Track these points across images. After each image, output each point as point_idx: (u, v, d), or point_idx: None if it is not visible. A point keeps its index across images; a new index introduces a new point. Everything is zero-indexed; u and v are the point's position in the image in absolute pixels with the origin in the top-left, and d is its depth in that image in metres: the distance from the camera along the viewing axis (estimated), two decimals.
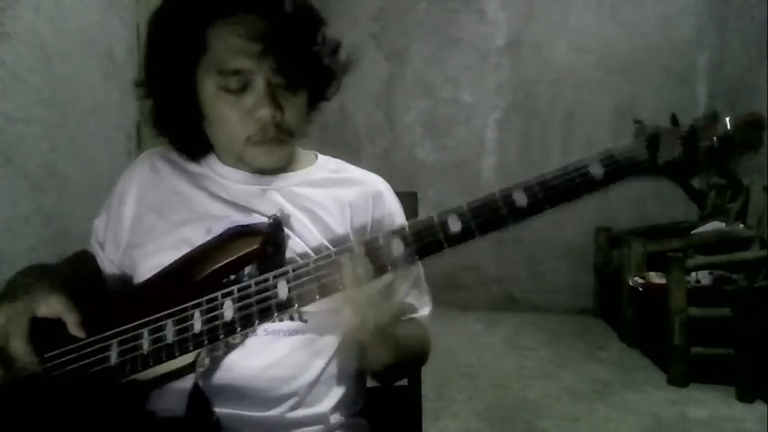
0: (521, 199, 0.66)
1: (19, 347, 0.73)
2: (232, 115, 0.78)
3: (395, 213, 0.91)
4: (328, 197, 0.88)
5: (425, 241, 0.66)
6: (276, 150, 0.82)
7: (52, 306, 0.75)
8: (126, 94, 2.22)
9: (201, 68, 0.79)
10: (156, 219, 0.86)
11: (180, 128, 0.85)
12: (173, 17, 0.79)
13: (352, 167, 0.95)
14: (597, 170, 0.66)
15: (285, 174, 0.89)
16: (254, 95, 0.77)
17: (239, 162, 0.85)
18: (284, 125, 0.80)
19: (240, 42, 0.75)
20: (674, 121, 0.68)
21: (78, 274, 0.89)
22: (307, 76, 0.81)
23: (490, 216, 0.66)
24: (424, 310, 0.92)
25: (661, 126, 0.68)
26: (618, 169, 0.66)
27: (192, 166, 0.89)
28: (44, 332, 0.75)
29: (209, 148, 0.88)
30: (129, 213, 0.88)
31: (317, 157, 0.95)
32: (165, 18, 0.80)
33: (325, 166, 0.93)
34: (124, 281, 0.88)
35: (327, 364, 0.84)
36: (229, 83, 0.77)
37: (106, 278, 0.91)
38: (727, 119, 0.65)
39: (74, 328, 0.75)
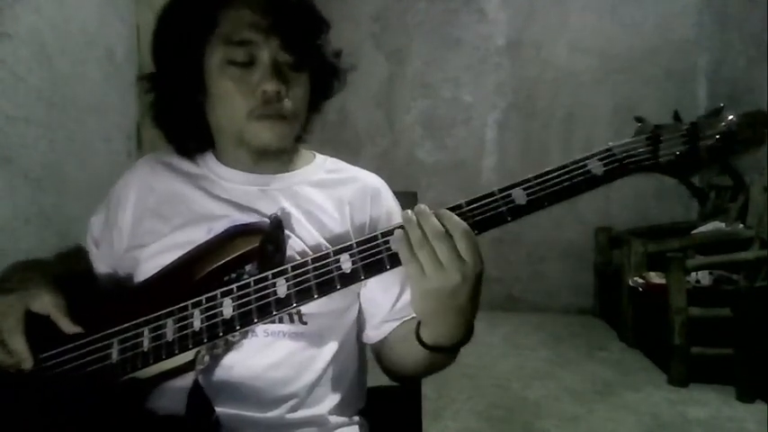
0: (520, 197, 0.66)
1: (16, 343, 0.73)
2: (236, 89, 0.79)
3: (392, 212, 0.91)
4: (327, 197, 0.88)
5: None
6: (278, 127, 0.82)
7: (45, 304, 0.75)
8: (126, 94, 2.22)
9: (209, 46, 0.80)
10: (157, 221, 0.86)
11: (181, 120, 0.86)
12: (185, 3, 0.82)
13: (350, 166, 0.95)
14: (597, 168, 0.66)
15: (283, 174, 0.89)
16: (260, 70, 0.79)
17: (240, 144, 0.84)
18: (287, 102, 0.81)
19: (249, 15, 0.78)
20: (677, 117, 0.68)
21: (71, 271, 0.89)
22: (311, 57, 0.83)
23: (489, 214, 0.66)
24: None
25: (663, 123, 0.67)
26: (618, 167, 0.66)
27: (191, 168, 0.90)
28: (45, 329, 0.75)
29: (207, 145, 0.89)
30: (128, 219, 0.88)
31: (314, 156, 0.95)
32: (176, 3, 0.83)
33: (323, 165, 0.94)
34: (116, 280, 0.88)
35: (327, 365, 0.84)
36: (236, 54, 0.79)
37: (97, 276, 0.91)
38: (731, 115, 0.64)
39: (65, 326, 0.75)
